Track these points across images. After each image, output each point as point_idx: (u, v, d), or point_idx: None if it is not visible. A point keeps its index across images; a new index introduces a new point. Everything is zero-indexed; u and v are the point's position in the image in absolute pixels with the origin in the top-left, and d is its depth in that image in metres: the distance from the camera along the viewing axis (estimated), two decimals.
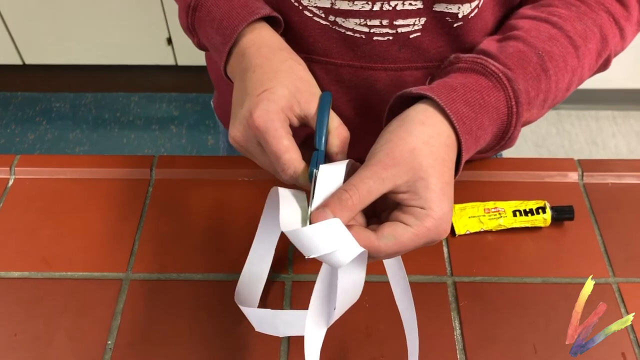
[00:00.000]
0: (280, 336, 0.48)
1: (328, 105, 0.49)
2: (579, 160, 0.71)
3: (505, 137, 0.50)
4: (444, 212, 0.43)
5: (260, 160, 0.50)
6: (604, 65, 0.59)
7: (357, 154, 0.68)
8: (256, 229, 0.65)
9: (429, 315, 0.58)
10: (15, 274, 0.62)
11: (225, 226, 0.66)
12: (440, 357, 0.56)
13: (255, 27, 0.52)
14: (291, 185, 0.48)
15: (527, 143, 2.00)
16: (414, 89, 0.47)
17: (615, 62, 0.59)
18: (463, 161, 0.47)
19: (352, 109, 0.61)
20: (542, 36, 0.52)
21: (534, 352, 0.56)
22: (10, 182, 0.70)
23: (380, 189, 0.42)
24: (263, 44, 0.51)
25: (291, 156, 0.46)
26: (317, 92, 0.50)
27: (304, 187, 0.49)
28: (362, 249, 0.42)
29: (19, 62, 1.97)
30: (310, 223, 0.42)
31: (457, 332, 0.58)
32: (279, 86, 0.47)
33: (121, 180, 0.70)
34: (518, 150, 1.96)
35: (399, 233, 0.42)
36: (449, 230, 0.45)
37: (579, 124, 2.06)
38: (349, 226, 0.43)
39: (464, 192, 0.66)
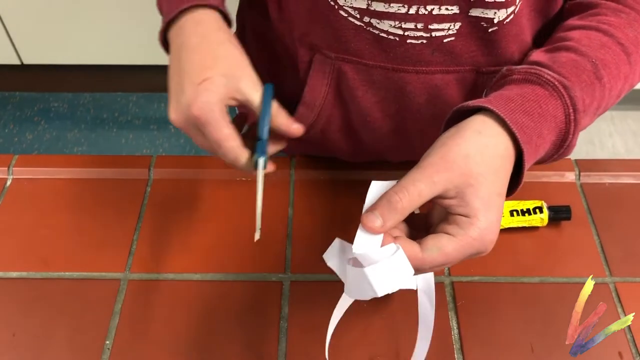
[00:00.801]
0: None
1: (270, 98, 0.51)
2: (576, 160, 0.71)
3: (563, 145, 0.49)
4: (489, 222, 0.42)
5: (200, 141, 0.51)
6: None
7: (382, 153, 0.68)
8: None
9: None
10: (14, 274, 0.62)
11: (223, 226, 0.66)
12: (438, 357, 0.56)
13: (199, 10, 0.53)
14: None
15: None
16: (471, 103, 0.47)
17: None
18: (525, 171, 0.46)
19: (380, 110, 0.62)
20: (594, 44, 0.51)
21: (531, 351, 0.56)
22: (9, 182, 0.70)
23: (431, 192, 0.42)
24: (201, 21, 0.52)
25: (231, 144, 0.49)
26: (254, 76, 0.51)
27: (247, 172, 0.51)
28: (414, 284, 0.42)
29: (17, 62, 1.97)
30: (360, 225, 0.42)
31: (455, 332, 0.58)
32: (217, 75, 0.49)
33: (119, 180, 0.70)
34: None
35: (442, 244, 0.42)
36: (494, 241, 0.43)
37: None
38: (395, 238, 0.42)
39: None
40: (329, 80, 0.60)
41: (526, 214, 0.64)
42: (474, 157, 0.43)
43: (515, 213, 0.65)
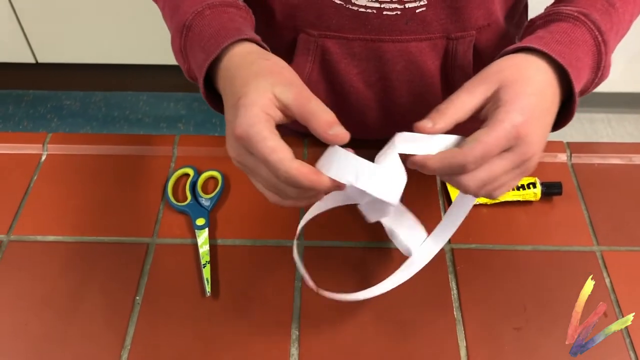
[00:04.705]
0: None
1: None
2: (567, 143, 0.77)
3: (600, 66, 0.54)
4: (517, 108, 0.46)
5: (262, 174, 0.47)
6: None
7: (365, 122, 0.73)
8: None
9: (428, 278, 0.63)
10: (50, 238, 0.67)
11: (243, 197, 0.71)
12: (439, 314, 0.61)
13: (237, 45, 0.52)
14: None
15: None
16: (509, 48, 0.53)
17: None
18: (577, 91, 0.51)
19: (362, 80, 0.68)
20: None
21: (524, 309, 0.62)
22: (43, 158, 0.76)
23: (472, 101, 0.48)
24: (236, 53, 0.51)
25: (278, 156, 0.44)
26: (293, 77, 0.48)
27: (308, 200, 0.50)
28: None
29: (32, 61, 2.02)
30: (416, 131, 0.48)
31: (454, 292, 0.63)
32: (251, 90, 0.46)
33: (146, 156, 0.75)
34: None
35: (477, 135, 0.46)
36: (536, 143, 0.47)
37: (574, 125, 2.12)
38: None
39: None
40: (312, 57, 0.66)
41: (521, 189, 0.70)
42: (506, 70, 0.49)
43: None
